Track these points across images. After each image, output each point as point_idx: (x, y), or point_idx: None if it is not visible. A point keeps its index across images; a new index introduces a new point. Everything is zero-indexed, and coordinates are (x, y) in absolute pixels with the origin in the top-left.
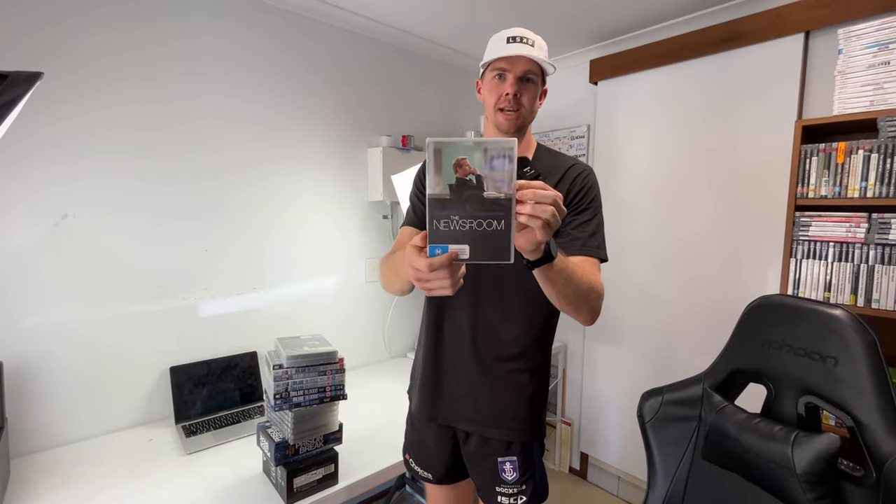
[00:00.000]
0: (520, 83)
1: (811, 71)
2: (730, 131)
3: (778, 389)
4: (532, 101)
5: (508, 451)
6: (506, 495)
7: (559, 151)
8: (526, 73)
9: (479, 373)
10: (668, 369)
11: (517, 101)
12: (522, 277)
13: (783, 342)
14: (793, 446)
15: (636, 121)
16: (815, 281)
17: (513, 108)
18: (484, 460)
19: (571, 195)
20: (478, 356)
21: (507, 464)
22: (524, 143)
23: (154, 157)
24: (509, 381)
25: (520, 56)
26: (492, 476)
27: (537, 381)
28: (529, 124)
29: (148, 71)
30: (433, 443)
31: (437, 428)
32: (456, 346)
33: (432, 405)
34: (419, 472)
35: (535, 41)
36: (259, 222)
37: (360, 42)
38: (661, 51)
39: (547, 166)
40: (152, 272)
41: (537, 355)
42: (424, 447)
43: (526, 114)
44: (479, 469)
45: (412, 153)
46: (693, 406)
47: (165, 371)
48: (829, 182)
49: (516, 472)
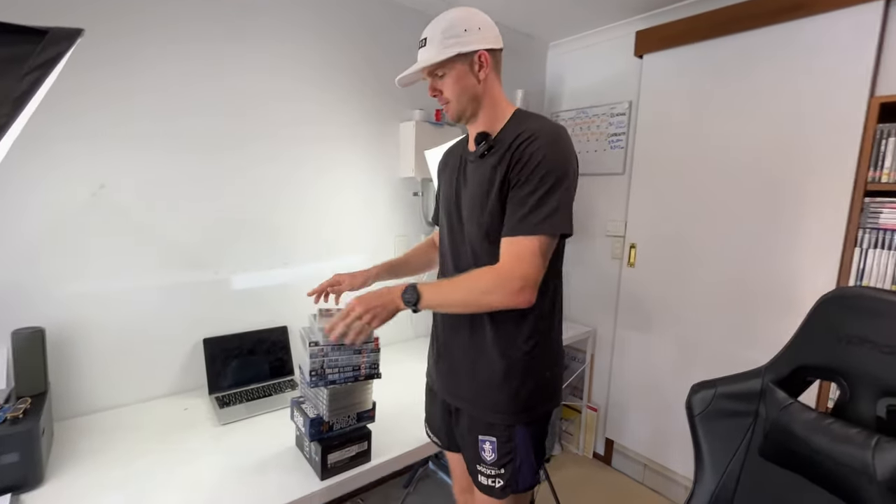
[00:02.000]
0: (434, 78)
1: (890, 42)
2: (790, 110)
3: (854, 389)
4: (454, 88)
5: (489, 431)
6: (484, 475)
7: (534, 116)
8: (430, 72)
9: (466, 351)
10: (701, 359)
11: (442, 96)
12: (489, 247)
13: (865, 338)
14: (874, 451)
15: (683, 98)
16: (881, 272)
17: (442, 102)
18: (468, 435)
19: (510, 167)
20: (464, 335)
21: (486, 443)
22: (487, 117)
23: (189, 130)
24: (490, 362)
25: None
26: (474, 452)
27: (519, 362)
28: (477, 103)
29: (186, 39)
30: (438, 413)
31: (440, 399)
32: (448, 325)
33: (433, 379)
34: (432, 437)
35: (428, 36)
36: (290, 196)
37: (395, 11)
38: (718, 20)
39: (505, 137)
40: (186, 245)
41: (516, 335)
42: (433, 416)
43: (457, 103)
44: (464, 443)
45: (445, 128)
46: (749, 401)
47: (199, 342)
48: None
49: (495, 454)
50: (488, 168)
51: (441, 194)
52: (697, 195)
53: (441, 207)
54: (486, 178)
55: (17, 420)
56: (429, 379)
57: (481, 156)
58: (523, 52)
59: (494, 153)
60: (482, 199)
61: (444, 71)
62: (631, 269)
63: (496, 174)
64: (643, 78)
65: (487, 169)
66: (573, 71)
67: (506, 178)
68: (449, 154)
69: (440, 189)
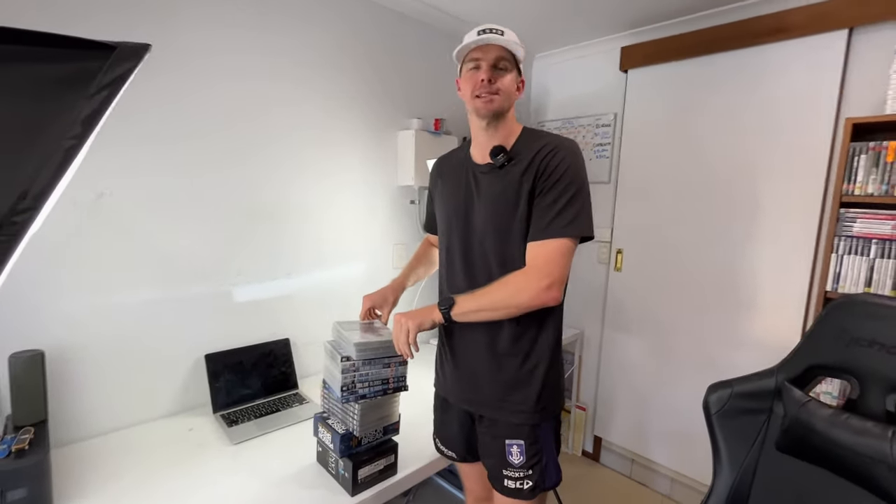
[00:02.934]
0: (494, 70)
1: (852, 67)
2: (765, 125)
3: (865, 386)
4: (507, 87)
5: (516, 435)
6: (512, 479)
7: (545, 132)
8: (498, 59)
9: (485, 357)
10: (683, 358)
11: (492, 86)
12: (510, 266)
13: (873, 340)
14: (892, 442)
15: (666, 112)
16: (855, 277)
17: (489, 91)
18: (493, 442)
19: (536, 177)
20: (481, 340)
21: (514, 447)
22: (505, 130)
23: (189, 139)
24: (513, 364)
25: (491, 44)
26: (500, 458)
27: (542, 363)
28: (508, 111)
29: (184, 48)
30: (455, 424)
31: (459, 409)
32: (462, 332)
33: (448, 389)
34: (445, 451)
35: (505, 31)
36: (292, 205)
37: (392, 20)
38: (700, 41)
39: (522, 150)
40: (186, 257)
41: (537, 337)
42: (447, 428)
43: (502, 99)
44: (488, 451)
45: (442, 137)
46: (763, 399)
47: (200, 359)
48: (877, 180)
49: (523, 456)
50: (514, 178)
51: (442, 203)
52: (680, 203)
53: (443, 216)
54: (513, 187)
55: (23, 452)
56: (440, 390)
57: (501, 167)
58: None
59: (516, 164)
60: (508, 207)
61: (508, 67)
62: (618, 273)
63: (523, 183)
64: (628, 91)
65: (513, 179)
66: (559, 82)
67: (533, 187)
68: (444, 164)
69: (439, 198)
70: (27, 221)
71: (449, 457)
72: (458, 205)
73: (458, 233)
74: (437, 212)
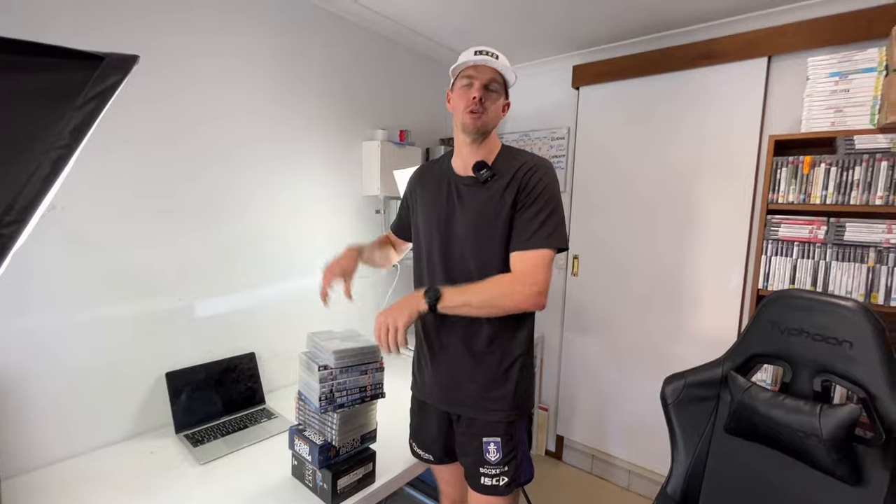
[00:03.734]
0: (485, 90)
1: (772, 90)
2: (699, 141)
3: (796, 370)
4: (495, 108)
5: (493, 432)
6: (489, 476)
7: (521, 150)
8: (490, 81)
9: (463, 357)
10: (635, 354)
11: (482, 104)
12: (488, 270)
13: (801, 329)
14: (820, 417)
15: (614, 127)
16: (782, 275)
17: (479, 110)
18: (471, 441)
19: (518, 192)
20: (459, 341)
21: (491, 444)
22: (487, 147)
23: (145, 149)
24: (491, 363)
25: (485, 65)
26: (477, 456)
27: (517, 362)
28: (492, 129)
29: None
30: (432, 426)
31: (437, 412)
32: (440, 334)
33: (426, 392)
34: (421, 454)
35: (500, 56)
36: (253, 217)
37: (355, 32)
38: (642, 62)
39: (503, 167)
40: (145, 271)
41: (513, 338)
42: (425, 431)
43: (489, 119)
44: (466, 450)
45: (407, 148)
46: (712, 387)
47: (161, 377)
48: (796, 190)
49: (499, 453)
50: (496, 192)
51: (422, 211)
52: (630, 211)
53: (422, 223)
54: (495, 200)
55: None
56: (417, 393)
57: (484, 182)
58: None
59: (498, 180)
60: (490, 218)
61: (499, 89)
62: (575, 278)
63: (505, 197)
64: (580, 107)
65: (495, 193)
66: (516, 97)
67: (515, 201)
68: (425, 174)
69: (419, 206)
70: (13, 235)
71: (426, 460)
72: (439, 213)
73: (438, 239)
74: (416, 219)
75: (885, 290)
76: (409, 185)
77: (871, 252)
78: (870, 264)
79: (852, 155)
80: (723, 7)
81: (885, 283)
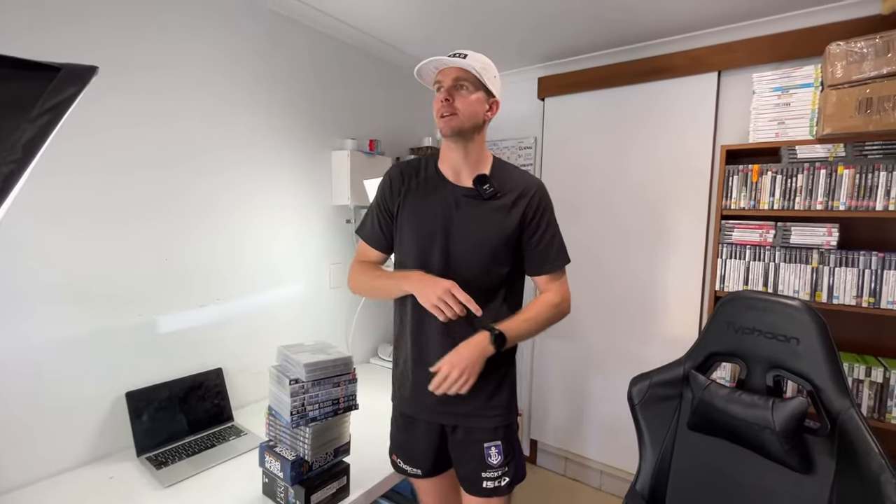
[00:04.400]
0: (454, 90)
1: (723, 103)
2: (658, 150)
3: (750, 366)
4: (468, 105)
5: (493, 437)
6: (491, 479)
7: (514, 166)
8: (457, 79)
9: None
10: (605, 357)
11: (451, 105)
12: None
13: (754, 328)
14: (772, 410)
15: (579, 137)
16: (736, 277)
17: (448, 111)
18: (471, 447)
19: (526, 213)
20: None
21: (492, 448)
22: (476, 154)
23: (101, 156)
24: (487, 371)
25: (449, 67)
26: (477, 463)
27: (509, 367)
28: (473, 132)
29: (96, 59)
30: (422, 439)
31: (425, 424)
32: (433, 348)
33: (418, 406)
34: (408, 469)
35: (469, 55)
36: (219, 228)
37: (322, 42)
38: (599, 76)
39: (503, 182)
40: (101, 286)
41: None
42: (412, 445)
43: (463, 118)
44: (465, 457)
45: (377, 157)
46: (675, 386)
47: (120, 398)
48: (746, 196)
49: (501, 455)
50: (502, 209)
51: (414, 219)
52: (596, 219)
53: (415, 233)
54: (502, 217)
55: None
56: (404, 407)
57: (488, 198)
58: None
59: (502, 197)
60: (495, 234)
61: (470, 87)
62: None
63: (512, 216)
64: (546, 117)
65: (501, 210)
66: None
67: (522, 221)
68: (410, 177)
69: (409, 213)
70: None
71: (412, 475)
72: (435, 223)
73: (436, 251)
74: (402, 226)
75: (828, 289)
76: (387, 188)
77: (815, 253)
78: (814, 265)
79: (795, 163)
80: (677, 25)
81: (828, 283)
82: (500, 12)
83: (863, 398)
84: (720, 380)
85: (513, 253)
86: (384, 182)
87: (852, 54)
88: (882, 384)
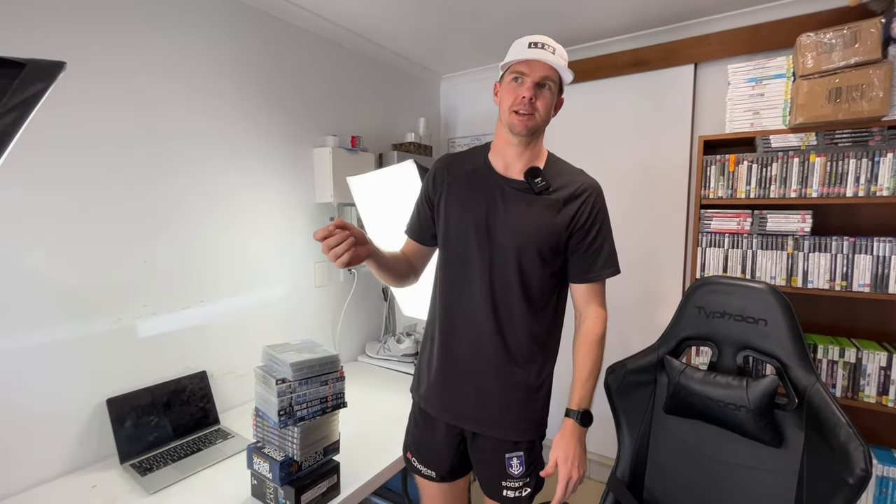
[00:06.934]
0: (537, 88)
1: (700, 94)
2: (635, 143)
3: (721, 348)
4: (547, 108)
5: (516, 448)
6: (511, 489)
7: (569, 164)
8: (543, 78)
9: (489, 375)
10: None
11: (532, 104)
12: (527, 286)
13: (724, 311)
14: (747, 390)
15: (562, 130)
16: (715, 264)
17: (527, 111)
18: (493, 456)
19: (578, 213)
20: (487, 359)
21: (514, 459)
22: (536, 152)
23: (74, 155)
24: (517, 383)
25: (539, 61)
26: (498, 471)
27: (543, 381)
28: (542, 131)
29: (73, 57)
30: (442, 441)
31: (446, 427)
32: (466, 349)
33: (441, 406)
34: (422, 470)
35: (556, 49)
36: (198, 228)
37: (302, 38)
38: (584, 68)
39: (557, 177)
40: (78, 290)
41: (542, 357)
42: (430, 446)
43: (540, 119)
44: (485, 465)
45: (359, 154)
46: (649, 372)
47: (101, 404)
48: (724, 186)
49: (522, 467)
50: (553, 205)
51: (455, 211)
52: None
53: (456, 224)
54: (552, 214)
55: None
56: (425, 406)
57: (539, 192)
58: (425, 81)
59: (554, 193)
60: (544, 230)
61: (553, 87)
62: None
63: (564, 214)
64: None
65: (552, 206)
66: (466, 101)
67: (573, 222)
68: (456, 168)
69: (452, 204)
70: None
71: (427, 476)
72: (478, 214)
73: (478, 242)
74: (444, 218)
75: (803, 274)
76: (432, 179)
77: (790, 240)
78: (789, 251)
79: (769, 153)
80: (655, 17)
81: (803, 268)
82: (478, 7)
83: (837, 378)
84: (701, 366)
85: (556, 255)
86: (429, 174)
87: (822, 45)
88: (855, 364)
